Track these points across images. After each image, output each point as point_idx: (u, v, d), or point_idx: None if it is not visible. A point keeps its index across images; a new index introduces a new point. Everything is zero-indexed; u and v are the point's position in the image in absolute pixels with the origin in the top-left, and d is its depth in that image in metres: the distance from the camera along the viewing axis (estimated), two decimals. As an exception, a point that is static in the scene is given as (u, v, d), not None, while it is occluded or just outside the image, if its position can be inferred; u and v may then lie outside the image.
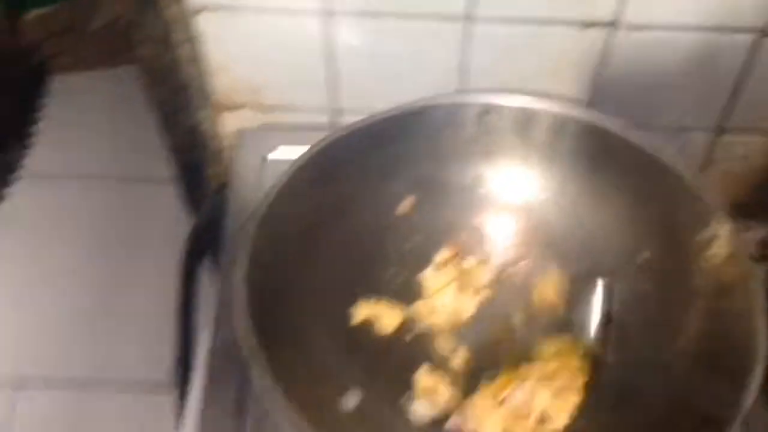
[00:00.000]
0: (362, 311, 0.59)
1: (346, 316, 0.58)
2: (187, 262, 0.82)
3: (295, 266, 0.56)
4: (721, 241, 0.52)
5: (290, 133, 0.72)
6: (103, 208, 1.50)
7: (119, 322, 1.35)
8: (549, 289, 0.60)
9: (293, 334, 0.53)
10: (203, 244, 0.81)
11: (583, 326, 0.57)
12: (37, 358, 1.30)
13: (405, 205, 0.62)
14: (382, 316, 0.59)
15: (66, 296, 1.37)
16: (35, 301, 1.37)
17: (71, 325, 1.34)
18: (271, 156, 0.71)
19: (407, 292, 0.61)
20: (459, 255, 0.62)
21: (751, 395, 0.45)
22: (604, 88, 0.69)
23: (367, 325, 0.59)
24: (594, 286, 0.59)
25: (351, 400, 0.53)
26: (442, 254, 0.62)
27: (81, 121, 1.63)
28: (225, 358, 0.58)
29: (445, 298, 0.59)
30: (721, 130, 0.72)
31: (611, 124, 0.58)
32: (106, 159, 1.58)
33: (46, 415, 1.24)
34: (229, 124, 0.78)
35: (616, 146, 0.57)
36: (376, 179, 0.61)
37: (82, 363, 1.29)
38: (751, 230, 0.77)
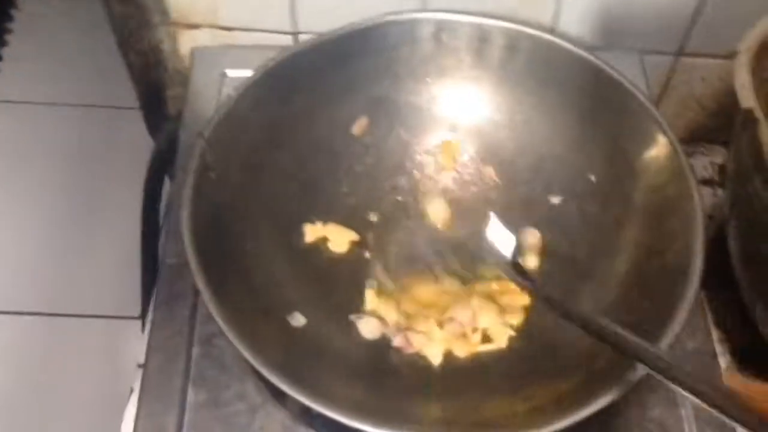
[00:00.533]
0: (312, 232, 0.59)
1: (296, 236, 0.59)
2: (149, 186, 0.82)
3: (245, 184, 0.56)
4: (665, 159, 0.52)
5: (249, 51, 0.71)
6: (68, 135, 1.49)
7: (85, 252, 1.35)
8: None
9: (241, 252, 0.54)
10: (165, 168, 0.80)
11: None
12: (2, 289, 1.30)
13: (358, 126, 0.62)
14: (332, 237, 0.59)
15: (31, 224, 1.37)
16: (2, 228, 1.36)
17: (36, 255, 1.34)
18: (230, 72, 0.70)
19: (357, 214, 0.61)
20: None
21: (683, 315, 0.47)
22: (567, 11, 0.68)
23: (316, 246, 0.59)
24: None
25: (299, 319, 0.54)
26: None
27: (47, 49, 1.60)
28: (174, 277, 0.58)
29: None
30: (680, 53, 0.72)
31: (564, 41, 0.57)
32: (71, 86, 1.55)
33: (12, 344, 1.24)
34: (188, 44, 0.76)
35: (568, 63, 0.57)
36: (330, 98, 0.61)
37: (48, 294, 1.30)
38: (708, 154, 0.79)
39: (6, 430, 1.16)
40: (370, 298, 0.56)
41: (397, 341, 0.55)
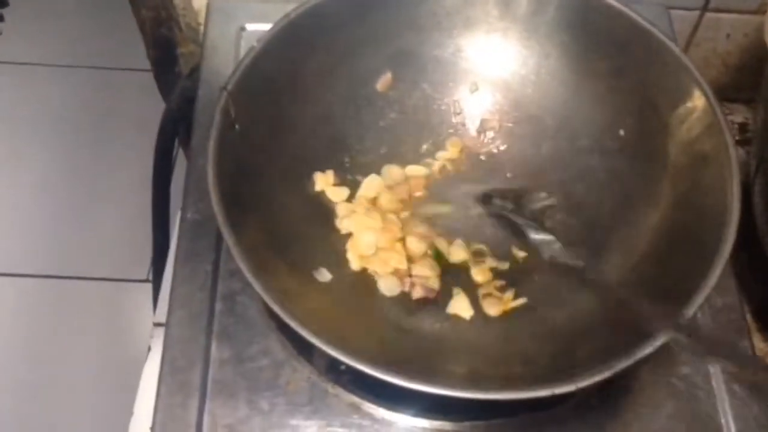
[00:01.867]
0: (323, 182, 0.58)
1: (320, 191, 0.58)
2: (160, 147, 0.81)
3: (268, 138, 0.55)
4: (699, 112, 0.51)
5: (266, 4, 0.70)
6: (74, 98, 1.47)
7: (93, 215, 1.34)
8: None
9: (266, 207, 0.53)
10: (177, 128, 0.79)
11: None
12: (10, 252, 1.29)
13: (383, 82, 0.61)
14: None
15: (38, 187, 1.36)
16: (8, 193, 1.35)
17: (43, 218, 1.33)
18: (249, 26, 0.68)
19: (378, 168, 0.60)
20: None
21: (719, 267, 0.46)
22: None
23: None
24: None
25: (324, 275, 0.53)
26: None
27: (51, 7, 1.57)
28: (194, 235, 0.57)
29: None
30: (706, 8, 0.71)
31: (595, -8, 0.56)
32: (78, 46, 1.53)
33: (20, 306, 1.24)
34: (201, -2, 0.75)
35: (599, 14, 0.56)
36: (352, 52, 0.59)
37: (56, 256, 1.29)
38: (729, 113, 0.78)
39: (18, 392, 1.16)
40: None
41: (416, 293, 0.54)
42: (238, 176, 0.51)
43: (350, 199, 0.58)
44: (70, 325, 1.22)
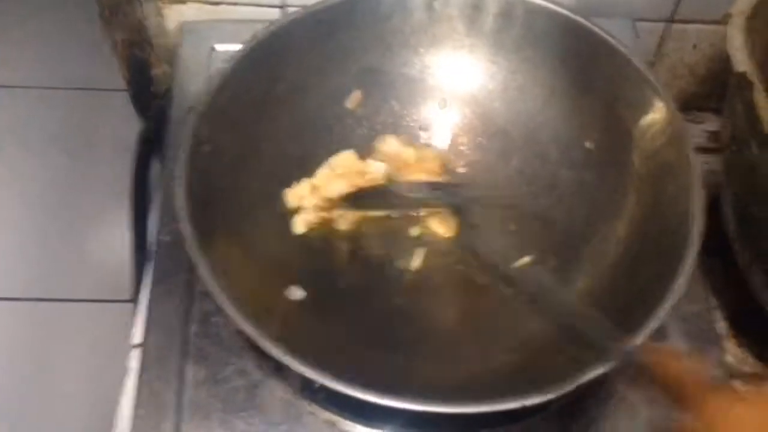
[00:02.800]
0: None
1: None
2: (136, 167, 0.81)
3: (238, 158, 0.55)
4: (662, 123, 0.52)
5: (237, 25, 0.70)
6: (52, 119, 1.46)
7: (73, 236, 1.33)
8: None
9: (236, 227, 0.53)
10: (152, 148, 0.79)
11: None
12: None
13: (352, 99, 0.62)
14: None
15: (17, 209, 1.35)
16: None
17: (23, 240, 1.32)
18: (219, 47, 0.69)
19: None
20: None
21: (684, 278, 0.47)
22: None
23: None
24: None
25: (296, 293, 0.54)
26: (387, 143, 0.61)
27: (27, 30, 1.57)
28: (169, 256, 0.57)
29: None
30: (672, 19, 0.72)
31: (559, 6, 0.57)
32: (54, 69, 1.53)
33: (6, 327, 1.23)
34: (175, 19, 0.75)
35: (563, 30, 0.57)
36: (321, 70, 0.60)
37: (37, 279, 1.28)
38: (699, 122, 0.79)
39: (0, 416, 1.15)
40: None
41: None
42: (208, 196, 0.51)
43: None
44: (52, 347, 1.21)
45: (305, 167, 0.59)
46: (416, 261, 0.57)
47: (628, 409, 0.52)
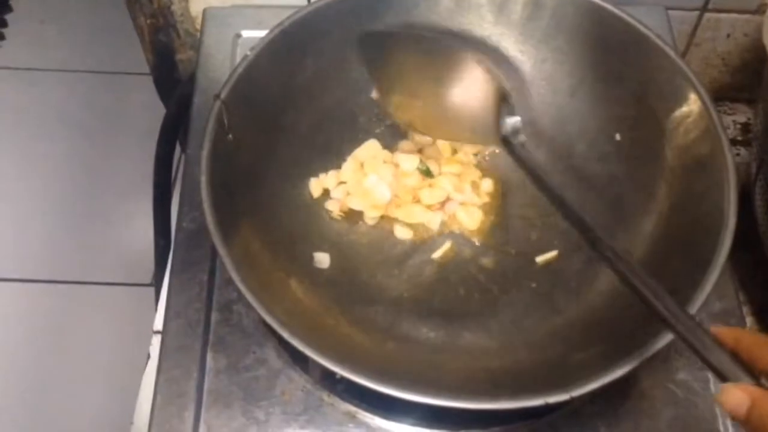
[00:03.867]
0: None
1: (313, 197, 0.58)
2: (160, 152, 0.81)
3: (262, 146, 0.55)
4: (695, 116, 0.51)
5: (262, 11, 0.70)
6: (78, 103, 1.47)
7: (97, 219, 1.34)
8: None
9: (259, 214, 0.53)
10: (176, 133, 0.79)
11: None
12: (15, 257, 1.29)
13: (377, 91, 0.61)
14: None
15: (42, 192, 1.36)
16: (12, 198, 1.36)
17: (47, 223, 1.33)
18: (244, 33, 0.68)
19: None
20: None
21: (714, 275, 0.45)
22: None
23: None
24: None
25: (323, 260, 0.54)
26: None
27: (53, 14, 1.58)
28: (190, 244, 0.57)
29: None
30: (706, 8, 0.70)
31: (590, -4, 0.56)
32: (80, 52, 1.53)
33: (25, 312, 1.24)
34: (199, 5, 0.75)
35: (595, 18, 0.56)
36: (347, 59, 0.59)
37: (61, 261, 1.29)
38: (730, 113, 0.77)
39: (23, 397, 1.16)
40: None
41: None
42: (232, 185, 0.51)
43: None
44: (75, 331, 1.22)
45: (329, 157, 0.59)
46: (439, 252, 0.56)
47: (650, 408, 0.51)
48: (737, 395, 0.35)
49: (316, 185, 0.58)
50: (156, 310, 0.80)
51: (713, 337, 0.37)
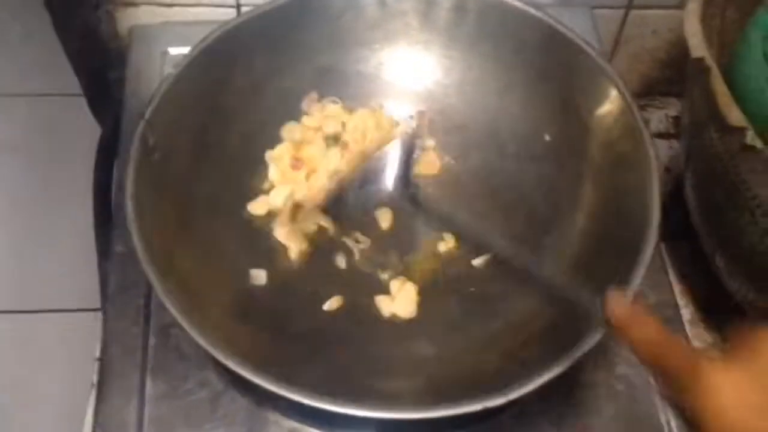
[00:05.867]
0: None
1: (246, 214, 0.57)
2: (98, 174, 0.79)
3: (191, 164, 0.54)
4: (618, 114, 0.52)
5: (191, 27, 0.69)
6: (12, 127, 1.44)
7: (39, 245, 1.31)
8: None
9: (191, 233, 0.52)
10: (113, 154, 0.78)
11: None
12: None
13: (308, 101, 0.61)
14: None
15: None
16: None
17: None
18: (171, 50, 0.67)
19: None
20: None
21: (642, 268, 0.46)
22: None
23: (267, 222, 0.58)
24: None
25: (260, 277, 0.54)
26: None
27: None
28: (125, 268, 0.56)
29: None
30: (630, 5, 0.71)
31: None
32: (11, 75, 1.50)
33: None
34: (127, 23, 0.73)
35: (519, 22, 0.56)
36: (275, 71, 0.59)
37: (4, 290, 1.26)
38: (662, 107, 0.78)
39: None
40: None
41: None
42: (161, 205, 0.50)
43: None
44: (21, 360, 1.19)
45: (260, 171, 0.58)
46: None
47: (593, 403, 0.52)
48: (622, 300, 0.37)
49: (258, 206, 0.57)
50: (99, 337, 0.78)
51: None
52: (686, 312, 0.62)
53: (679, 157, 0.70)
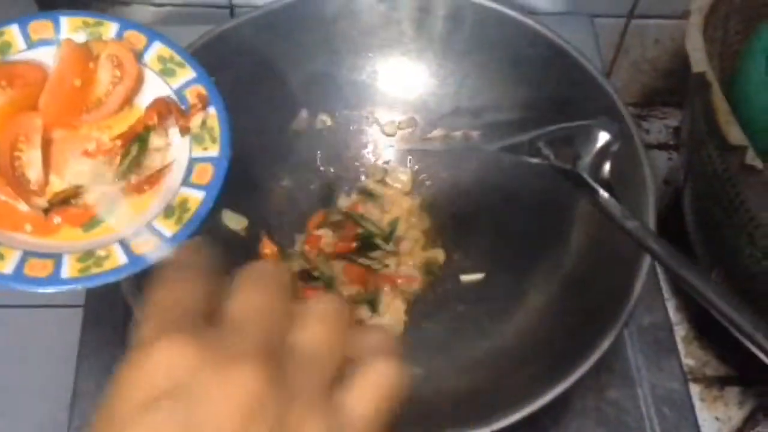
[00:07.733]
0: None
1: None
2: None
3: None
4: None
5: (183, 29, 0.67)
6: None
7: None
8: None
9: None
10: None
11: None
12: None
13: (298, 121, 0.60)
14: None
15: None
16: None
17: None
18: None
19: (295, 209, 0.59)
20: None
21: (638, 288, 0.45)
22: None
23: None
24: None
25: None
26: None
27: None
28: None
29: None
30: (632, 15, 0.70)
31: (509, 8, 0.55)
32: None
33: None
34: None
35: (513, 33, 0.55)
36: (266, 77, 0.57)
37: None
38: (663, 117, 0.77)
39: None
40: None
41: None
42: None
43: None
44: (6, 356, 1.18)
45: (252, 189, 0.57)
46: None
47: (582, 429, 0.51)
48: None
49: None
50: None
51: None
52: (680, 329, 0.61)
53: (678, 169, 0.69)
